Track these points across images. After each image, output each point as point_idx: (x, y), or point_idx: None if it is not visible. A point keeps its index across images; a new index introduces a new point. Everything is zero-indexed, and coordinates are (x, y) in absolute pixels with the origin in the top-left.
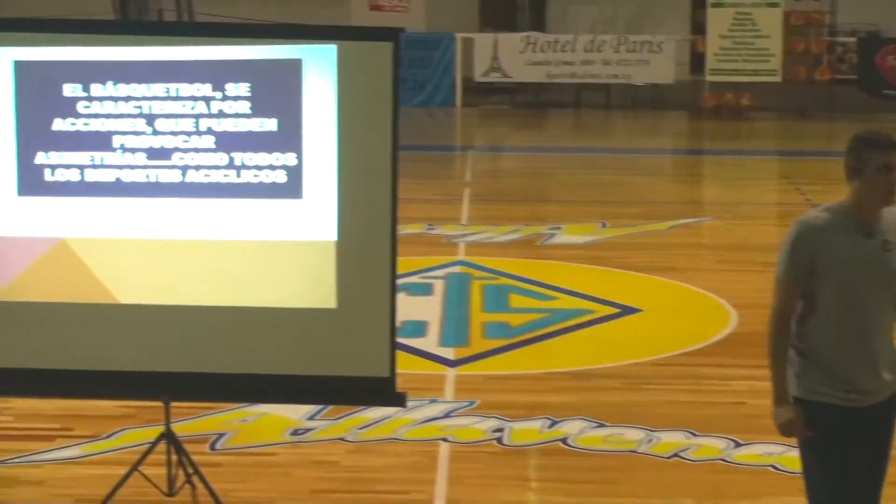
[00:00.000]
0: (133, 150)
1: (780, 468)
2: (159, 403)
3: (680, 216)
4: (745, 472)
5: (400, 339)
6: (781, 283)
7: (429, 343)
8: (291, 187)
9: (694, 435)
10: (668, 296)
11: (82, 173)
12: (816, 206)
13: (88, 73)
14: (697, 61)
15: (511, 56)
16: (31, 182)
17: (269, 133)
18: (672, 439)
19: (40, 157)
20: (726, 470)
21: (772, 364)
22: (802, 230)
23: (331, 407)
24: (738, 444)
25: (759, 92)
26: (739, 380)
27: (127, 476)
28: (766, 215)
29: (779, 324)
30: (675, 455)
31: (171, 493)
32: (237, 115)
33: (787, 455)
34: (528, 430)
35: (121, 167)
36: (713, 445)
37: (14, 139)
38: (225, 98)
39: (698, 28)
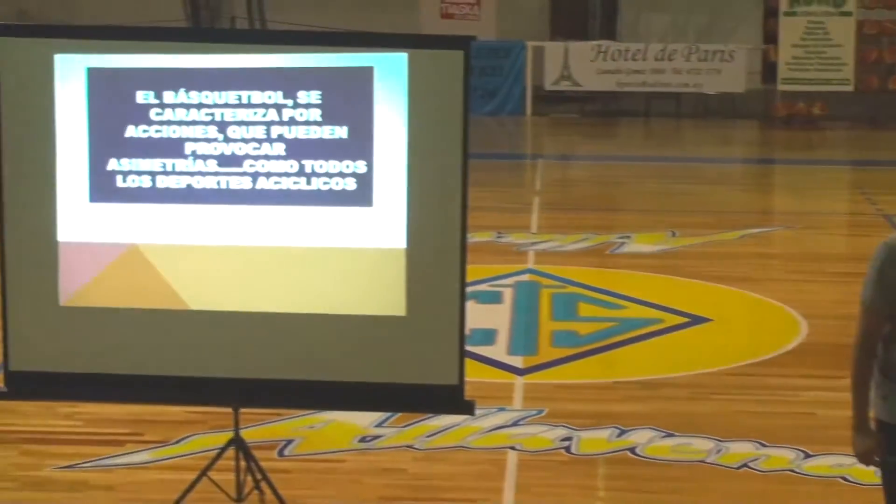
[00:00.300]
0: (204, 157)
1: (851, 479)
2: (228, 409)
3: (750, 226)
4: (814, 482)
5: (469, 347)
6: (867, 308)
7: (497, 351)
8: (361, 195)
9: (763, 445)
10: (737, 305)
11: (154, 180)
12: None
13: (161, 80)
14: (769, 70)
15: (582, 65)
16: (102, 188)
17: (340, 141)
18: (741, 449)
19: (112, 164)
20: (796, 481)
21: (854, 390)
22: (888, 253)
23: (399, 414)
24: (807, 455)
25: (831, 101)
26: (809, 390)
27: (196, 481)
28: (837, 225)
29: (864, 349)
30: (745, 465)
31: (239, 499)
32: (308, 123)
33: (858, 466)
34: (596, 440)
35: (192, 174)
36: (783, 456)
37: (86, 146)
38: (296, 106)
39: (770, 37)
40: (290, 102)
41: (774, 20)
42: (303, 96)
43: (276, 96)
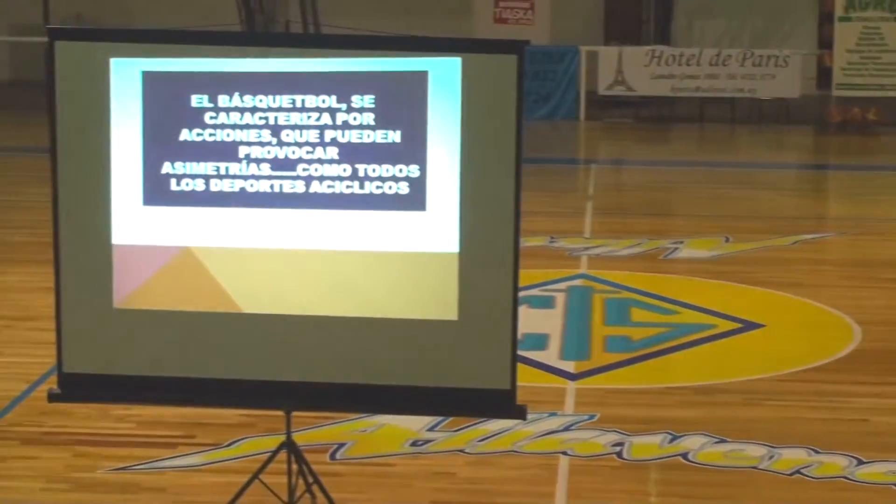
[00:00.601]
0: (258, 161)
1: None
2: (280, 413)
3: (804, 231)
4: (867, 490)
5: (521, 352)
6: None
7: (549, 356)
8: (415, 199)
9: (816, 452)
10: (791, 311)
11: (207, 183)
12: None
13: (215, 84)
14: (824, 75)
15: (635, 69)
16: (156, 192)
17: (393, 145)
18: (794, 456)
19: (166, 167)
20: (848, 488)
21: None
22: None
23: (450, 419)
24: (860, 462)
25: (887, 106)
26: (863, 397)
27: (247, 484)
28: (892, 231)
29: None
30: (797, 472)
31: (291, 502)
32: (361, 127)
33: None
34: (648, 445)
35: (246, 177)
36: (835, 463)
37: (141, 149)
38: (350, 110)
39: (825, 42)
40: (343, 106)
41: (829, 25)
42: (356, 100)
43: (330, 100)
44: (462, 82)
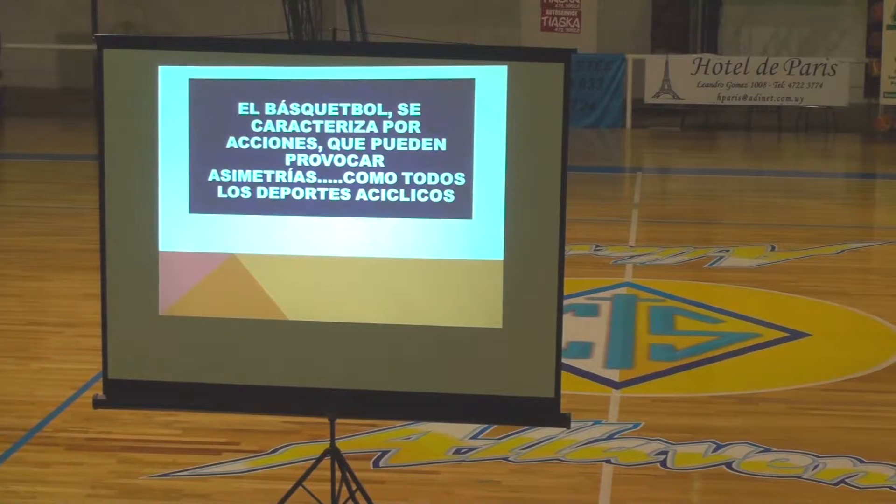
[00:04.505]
0: (304, 169)
1: None
2: (324, 420)
3: (850, 240)
4: None
5: (565, 360)
6: None
7: (594, 364)
8: (461, 207)
9: (861, 462)
10: (837, 320)
11: (253, 191)
12: None
13: (262, 92)
14: (871, 84)
15: (682, 78)
16: (203, 199)
17: (439, 153)
18: (839, 465)
19: (213, 175)
20: (894, 498)
21: None
22: None
23: (494, 427)
24: None
25: None
26: None
27: (291, 491)
28: None
29: None
30: (842, 482)
31: None
32: (407, 135)
33: None
34: (692, 454)
35: (292, 185)
36: (881, 473)
37: (187, 157)
38: (396, 118)
39: (873, 50)
40: (389, 114)
41: (878, 34)
42: (402, 108)
43: (376, 108)
44: (508, 90)
